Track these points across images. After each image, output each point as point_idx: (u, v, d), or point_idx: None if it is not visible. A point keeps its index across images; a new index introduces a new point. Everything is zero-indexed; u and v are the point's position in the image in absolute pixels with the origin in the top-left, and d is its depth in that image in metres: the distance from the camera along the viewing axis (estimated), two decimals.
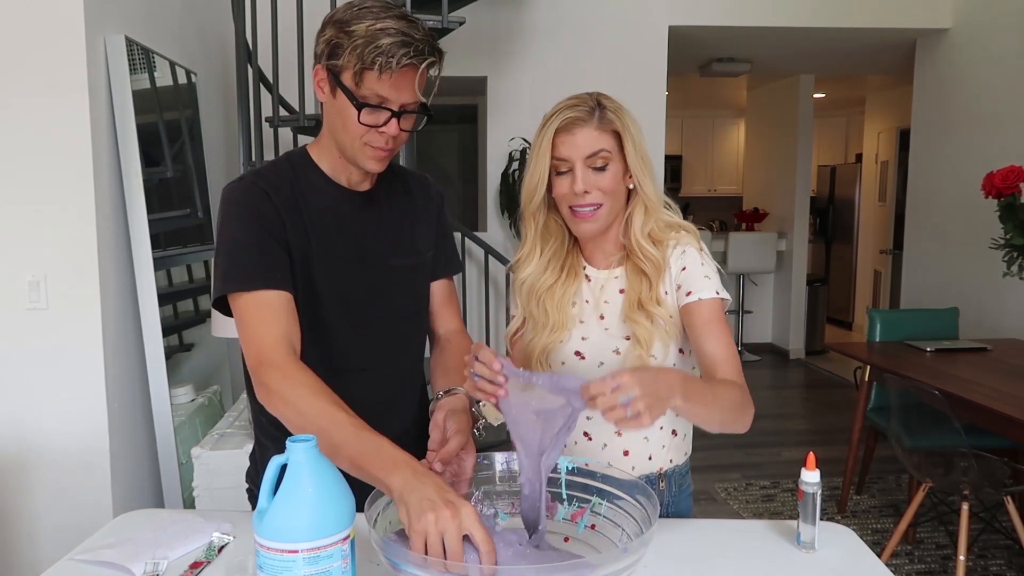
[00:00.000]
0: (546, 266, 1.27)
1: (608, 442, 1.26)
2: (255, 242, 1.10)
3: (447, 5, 2.78)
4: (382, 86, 1.06)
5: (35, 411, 2.18)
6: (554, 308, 1.26)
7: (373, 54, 1.04)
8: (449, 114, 6.25)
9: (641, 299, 1.20)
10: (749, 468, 3.83)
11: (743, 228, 6.98)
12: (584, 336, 1.26)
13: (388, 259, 1.23)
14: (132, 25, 2.42)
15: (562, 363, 1.27)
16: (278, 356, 1.04)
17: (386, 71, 1.04)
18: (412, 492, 0.87)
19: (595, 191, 1.16)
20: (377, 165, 1.15)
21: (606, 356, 1.24)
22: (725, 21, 4.27)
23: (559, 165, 1.17)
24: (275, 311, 1.08)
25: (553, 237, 1.27)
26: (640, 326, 1.19)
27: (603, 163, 1.16)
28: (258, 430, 1.29)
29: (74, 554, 1.10)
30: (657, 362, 1.20)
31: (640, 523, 0.98)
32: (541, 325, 1.26)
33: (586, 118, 1.16)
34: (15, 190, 2.12)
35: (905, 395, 2.62)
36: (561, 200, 1.20)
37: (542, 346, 1.26)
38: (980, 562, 2.80)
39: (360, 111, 1.07)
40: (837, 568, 1.05)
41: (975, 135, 4.08)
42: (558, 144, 1.16)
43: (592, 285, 1.28)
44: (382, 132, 1.09)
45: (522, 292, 1.29)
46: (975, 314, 3.94)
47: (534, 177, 1.19)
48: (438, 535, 0.83)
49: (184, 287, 2.66)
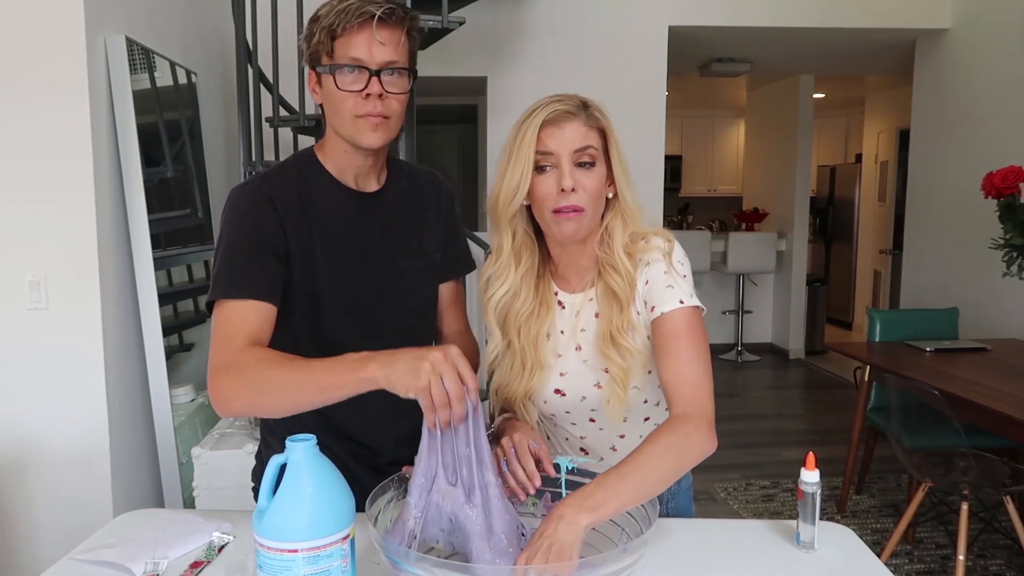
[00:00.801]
0: (520, 285, 1.17)
1: (605, 456, 1.24)
2: (247, 250, 1.09)
3: (447, 5, 2.78)
4: (351, 47, 1.08)
5: (35, 411, 2.18)
6: (530, 346, 1.18)
7: (334, 20, 1.07)
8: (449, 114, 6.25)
9: (612, 332, 1.13)
10: (749, 468, 3.83)
11: (743, 228, 6.98)
12: (563, 371, 1.19)
13: (396, 261, 1.22)
14: (132, 25, 2.42)
15: (544, 401, 1.21)
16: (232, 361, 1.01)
17: (348, 29, 1.07)
18: (394, 362, 0.90)
19: (580, 191, 1.08)
20: (375, 137, 1.12)
21: (587, 391, 1.18)
22: (725, 21, 4.27)
23: (542, 160, 1.08)
24: (246, 322, 1.05)
25: (527, 253, 1.18)
26: (613, 363, 1.12)
27: (590, 160, 1.09)
28: (264, 428, 1.29)
29: (74, 554, 1.10)
30: (639, 392, 1.16)
31: (640, 523, 0.98)
32: (520, 364, 1.19)
33: (575, 112, 1.09)
34: (15, 190, 2.12)
35: (905, 395, 2.62)
36: (543, 202, 1.10)
37: (523, 391, 1.19)
38: (980, 562, 2.80)
39: (335, 76, 1.09)
40: (837, 568, 1.05)
41: (975, 135, 4.08)
42: (544, 137, 1.07)
43: (566, 312, 1.20)
44: (368, 96, 1.09)
45: (496, 315, 1.19)
46: (975, 314, 3.94)
47: (515, 175, 1.08)
48: (439, 381, 0.87)
49: (184, 287, 2.66)
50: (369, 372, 0.90)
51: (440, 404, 0.88)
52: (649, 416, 1.22)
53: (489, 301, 1.19)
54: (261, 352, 1.01)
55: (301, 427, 1.00)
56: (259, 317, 1.06)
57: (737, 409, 5.01)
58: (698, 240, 6.19)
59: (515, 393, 1.20)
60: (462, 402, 0.89)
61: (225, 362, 1.01)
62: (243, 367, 1.00)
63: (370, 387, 0.91)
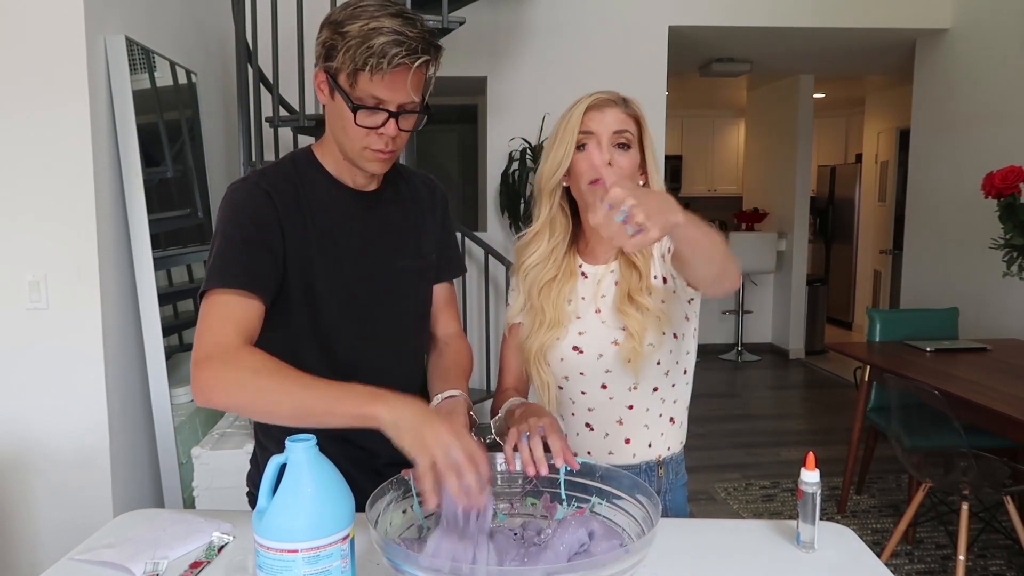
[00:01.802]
0: (549, 254, 1.30)
1: (610, 431, 1.28)
2: (242, 244, 1.08)
3: (447, 5, 2.78)
4: (376, 87, 1.04)
5: (35, 411, 2.18)
6: (550, 305, 1.28)
7: (365, 55, 1.01)
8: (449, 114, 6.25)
9: (631, 291, 1.23)
10: (749, 468, 3.83)
11: (743, 228, 6.98)
12: (581, 331, 1.27)
13: (394, 261, 1.22)
14: (132, 25, 2.42)
15: (561, 359, 1.27)
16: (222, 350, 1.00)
17: (378, 72, 1.02)
18: (402, 420, 0.90)
19: (616, 167, 1.20)
20: (379, 167, 1.14)
21: (604, 348, 1.25)
22: (725, 21, 4.27)
23: (584, 139, 1.21)
24: (234, 313, 1.04)
25: (559, 230, 1.30)
26: (631, 318, 1.22)
27: (627, 142, 1.22)
28: (259, 431, 1.28)
29: (74, 554, 1.10)
30: (653, 351, 1.23)
31: (641, 523, 0.98)
32: (538, 322, 1.28)
33: (616, 100, 1.23)
34: (15, 190, 2.12)
35: (905, 395, 2.62)
36: (582, 176, 1.22)
37: (539, 344, 1.27)
38: (980, 562, 2.80)
39: (356, 113, 1.06)
40: (837, 568, 1.05)
41: (975, 135, 4.08)
42: (587, 120, 1.21)
43: (588, 282, 1.30)
44: (381, 134, 1.08)
45: (523, 276, 1.32)
46: (975, 314, 3.94)
47: (558, 152, 1.23)
48: (444, 453, 0.87)
49: (184, 287, 2.66)
50: (376, 413, 0.91)
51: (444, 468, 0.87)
52: (658, 386, 1.27)
53: (521, 263, 1.32)
54: (260, 357, 0.99)
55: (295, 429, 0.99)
56: (248, 310, 1.05)
57: (737, 409, 5.01)
58: None
59: (531, 348, 1.28)
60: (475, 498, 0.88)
61: (213, 352, 0.99)
62: (243, 366, 0.98)
63: (372, 425, 0.91)
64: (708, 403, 5.04)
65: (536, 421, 1.08)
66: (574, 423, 1.30)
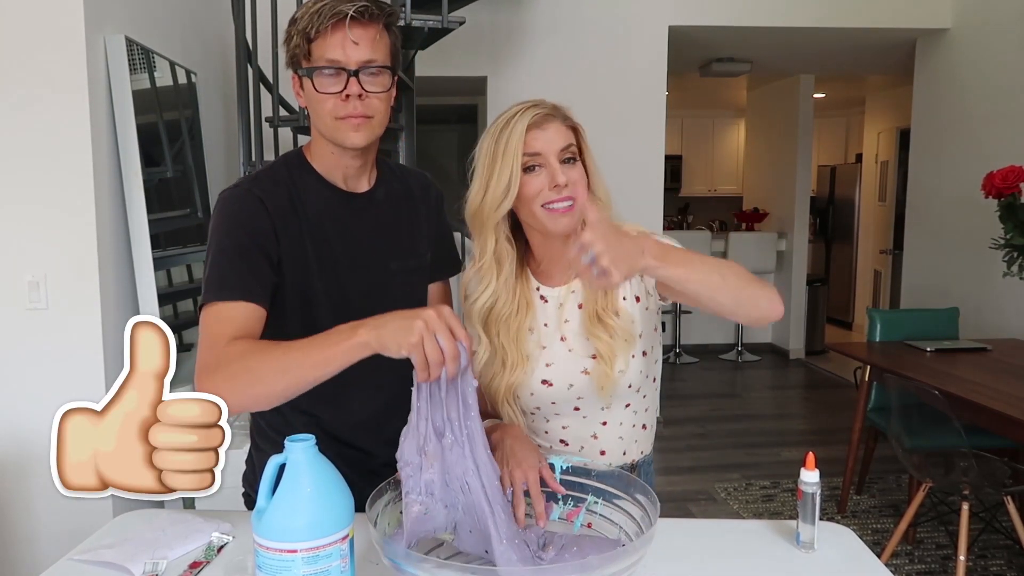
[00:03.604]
0: (501, 289, 1.20)
1: (585, 445, 1.25)
2: (236, 253, 1.09)
3: (447, 5, 2.78)
4: (326, 48, 1.07)
5: (35, 411, 2.17)
6: (512, 344, 1.19)
7: (308, 22, 1.07)
8: (449, 114, 6.25)
9: (598, 311, 1.16)
10: (749, 468, 3.83)
11: (743, 228, 6.98)
12: (548, 362, 1.21)
13: (387, 262, 1.22)
14: (132, 25, 2.42)
15: (531, 394, 1.21)
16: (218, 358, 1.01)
17: (322, 31, 1.06)
18: (385, 323, 0.90)
19: (571, 185, 1.13)
20: (358, 137, 1.12)
21: (574, 378, 1.19)
22: (725, 21, 4.27)
23: (530, 161, 1.12)
24: (234, 322, 1.04)
25: (507, 259, 1.20)
26: (601, 341, 1.16)
27: (572, 156, 1.15)
28: (256, 434, 1.28)
29: (74, 554, 1.10)
30: (623, 376, 1.17)
31: (639, 522, 0.98)
32: (500, 362, 1.20)
33: (553, 114, 1.15)
34: (15, 190, 2.12)
35: (905, 395, 2.62)
36: (533, 199, 1.13)
37: (506, 386, 1.20)
38: (980, 562, 2.80)
39: (314, 79, 1.08)
40: (837, 568, 1.05)
41: (975, 135, 4.08)
42: (530, 140, 1.12)
43: (549, 306, 1.23)
44: (347, 97, 1.09)
45: (479, 320, 1.21)
46: (975, 314, 3.93)
47: (503, 179, 1.12)
48: (432, 338, 0.87)
49: (184, 287, 2.66)
50: (360, 337, 0.91)
51: (434, 362, 0.88)
52: (630, 403, 1.23)
53: (472, 307, 1.21)
54: (246, 343, 1.01)
55: (291, 431, 0.99)
56: (248, 317, 1.06)
57: (737, 409, 5.01)
58: (698, 240, 6.19)
59: (498, 389, 1.21)
60: (456, 361, 0.89)
61: (212, 361, 1.01)
62: (231, 359, 0.99)
63: (363, 352, 0.92)
64: (708, 403, 5.04)
65: (520, 475, 1.06)
66: (548, 439, 1.27)
